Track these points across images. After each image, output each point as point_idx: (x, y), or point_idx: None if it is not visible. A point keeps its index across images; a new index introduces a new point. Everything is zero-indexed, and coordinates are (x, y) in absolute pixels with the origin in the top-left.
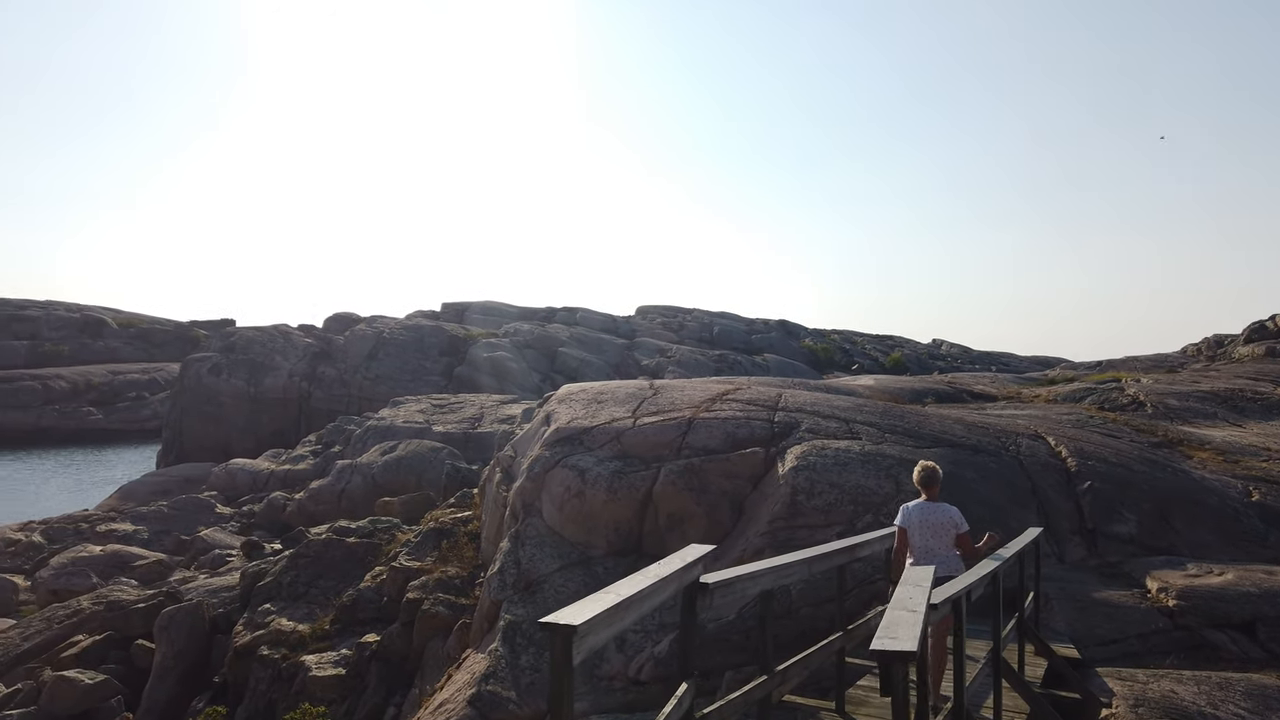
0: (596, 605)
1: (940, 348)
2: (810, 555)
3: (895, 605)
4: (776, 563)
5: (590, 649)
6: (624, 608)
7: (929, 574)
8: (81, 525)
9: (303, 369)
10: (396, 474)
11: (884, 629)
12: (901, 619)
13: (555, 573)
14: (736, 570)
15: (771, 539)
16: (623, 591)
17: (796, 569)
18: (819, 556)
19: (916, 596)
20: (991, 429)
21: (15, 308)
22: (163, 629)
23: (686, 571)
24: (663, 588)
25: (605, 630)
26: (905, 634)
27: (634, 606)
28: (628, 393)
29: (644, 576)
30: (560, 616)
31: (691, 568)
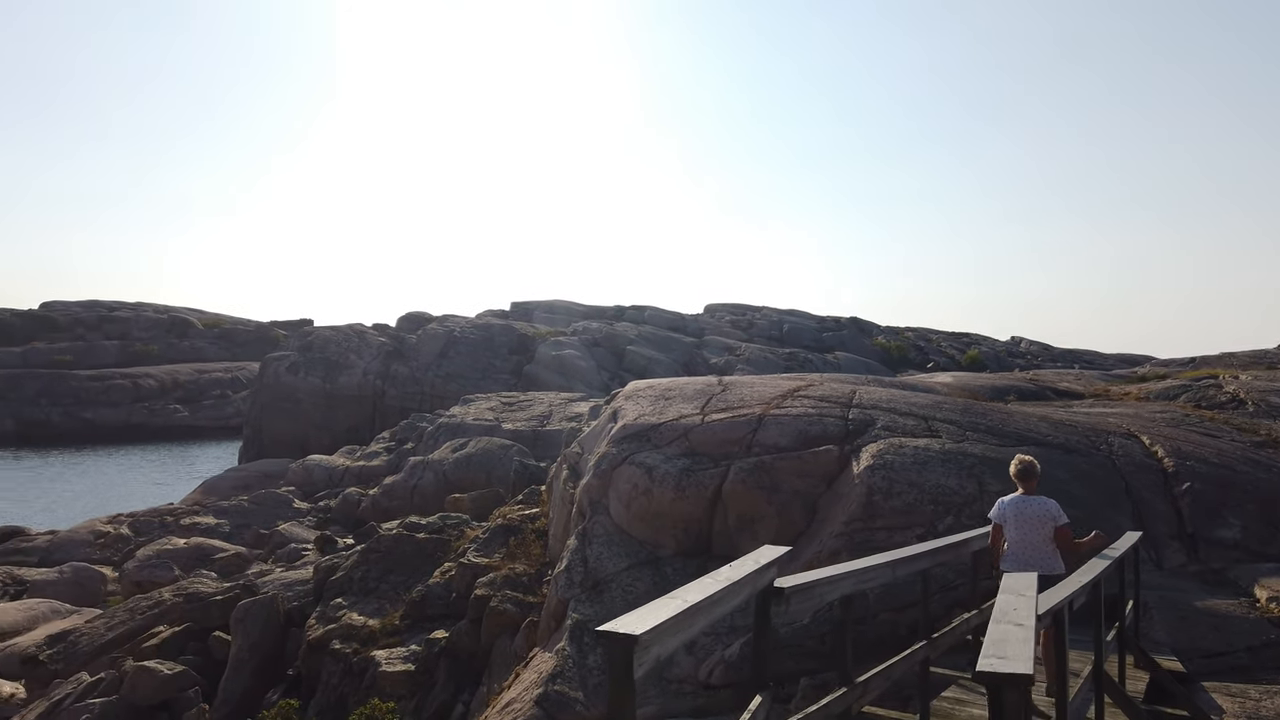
0: (662, 612)
1: (1019, 345)
2: (894, 558)
3: (1000, 618)
4: (857, 566)
5: (655, 659)
6: (692, 614)
7: (1032, 581)
8: (166, 519)
9: (377, 367)
10: (467, 471)
11: (991, 646)
12: (1010, 635)
13: (623, 572)
14: (815, 574)
15: (847, 541)
16: (690, 597)
17: (879, 573)
18: (903, 559)
19: (1023, 608)
20: (1081, 427)
21: (107, 309)
22: (238, 621)
23: (760, 575)
24: (734, 593)
25: (671, 639)
26: (1016, 653)
27: (703, 613)
28: (696, 389)
29: (714, 580)
30: (620, 624)
31: (765, 571)
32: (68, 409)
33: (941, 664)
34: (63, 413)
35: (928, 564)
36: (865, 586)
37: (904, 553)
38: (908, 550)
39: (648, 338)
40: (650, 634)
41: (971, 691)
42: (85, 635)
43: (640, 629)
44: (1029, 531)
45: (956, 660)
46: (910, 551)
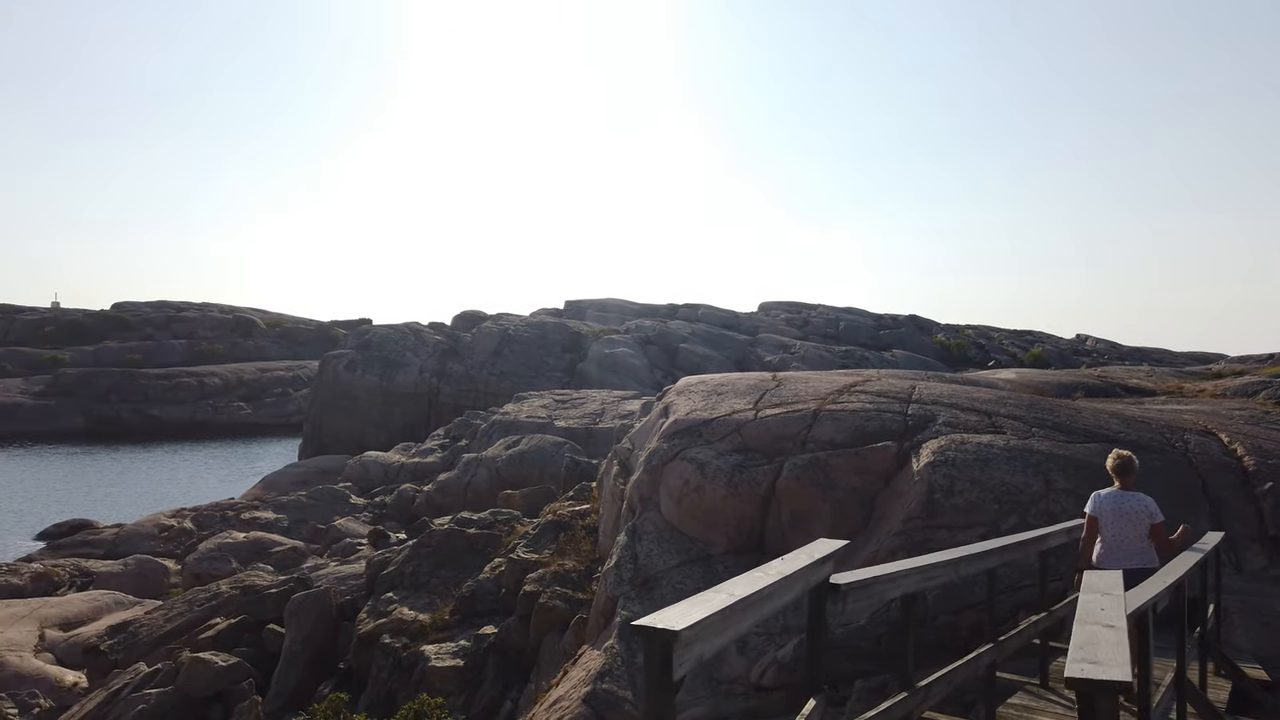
0: (705, 607)
1: (1085, 343)
2: (957, 556)
3: (1086, 618)
4: (920, 563)
5: (698, 659)
6: (739, 610)
7: (1117, 580)
8: (228, 513)
9: (432, 365)
10: (520, 467)
11: (1080, 649)
12: (1100, 637)
13: (673, 569)
14: (874, 570)
15: (906, 540)
16: (737, 591)
17: (942, 571)
18: (968, 558)
19: (1111, 608)
20: (1154, 424)
21: (175, 309)
22: (292, 614)
23: (814, 570)
24: (786, 588)
25: (716, 637)
26: (1110, 656)
27: (751, 609)
28: (749, 384)
29: (764, 574)
30: (659, 619)
31: (820, 565)
32: (136, 406)
33: (1007, 669)
34: (132, 410)
35: (995, 563)
36: (928, 585)
37: (969, 550)
38: (974, 548)
39: (701, 336)
40: (692, 630)
41: (1040, 698)
42: (145, 626)
43: (681, 624)
44: (1125, 527)
45: (1022, 665)
46: (976, 549)
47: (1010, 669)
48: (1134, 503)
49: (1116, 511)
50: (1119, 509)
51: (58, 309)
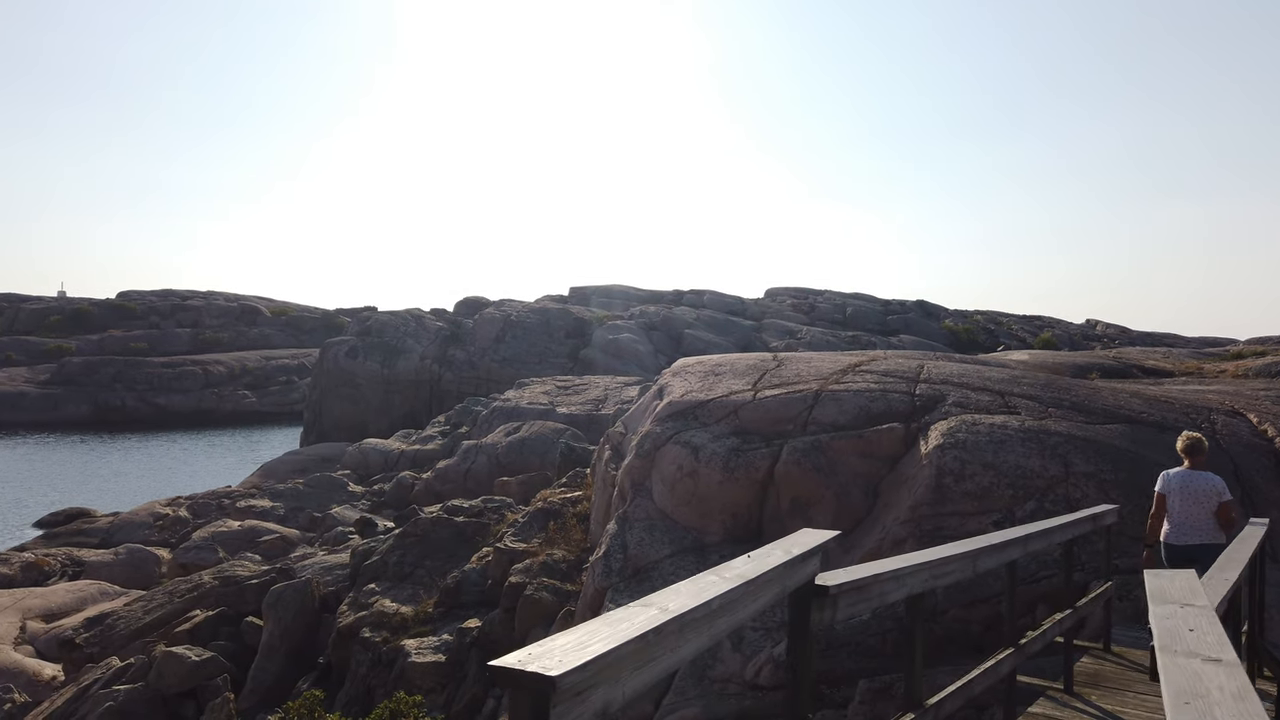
0: (615, 631)
1: (1095, 328)
2: (974, 548)
3: (1174, 645)
4: (929, 557)
5: (601, 713)
6: (671, 633)
7: (1194, 585)
8: (224, 501)
9: (434, 351)
10: (520, 455)
11: (1179, 697)
12: (1208, 680)
13: (665, 559)
14: (873, 567)
15: (914, 528)
16: (673, 605)
17: (956, 566)
18: (986, 550)
19: (1207, 630)
20: (1178, 403)
21: (180, 298)
22: (270, 606)
23: (793, 569)
24: (751, 595)
25: (633, 676)
26: (1228, 711)
27: (694, 630)
28: (748, 364)
29: (718, 577)
30: (535, 656)
31: (801, 563)
32: (141, 394)
33: (1025, 669)
34: (137, 398)
35: (1017, 554)
36: (940, 583)
37: (987, 541)
38: (993, 538)
39: (706, 321)
40: (583, 674)
41: (1065, 706)
42: (123, 618)
43: (566, 665)
44: (1193, 505)
45: (1042, 664)
46: (995, 540)
47: (1028, 669)
48: (1202, 481)
49: (1184, 490)
50: (1186, 487)
51: (63, 298)
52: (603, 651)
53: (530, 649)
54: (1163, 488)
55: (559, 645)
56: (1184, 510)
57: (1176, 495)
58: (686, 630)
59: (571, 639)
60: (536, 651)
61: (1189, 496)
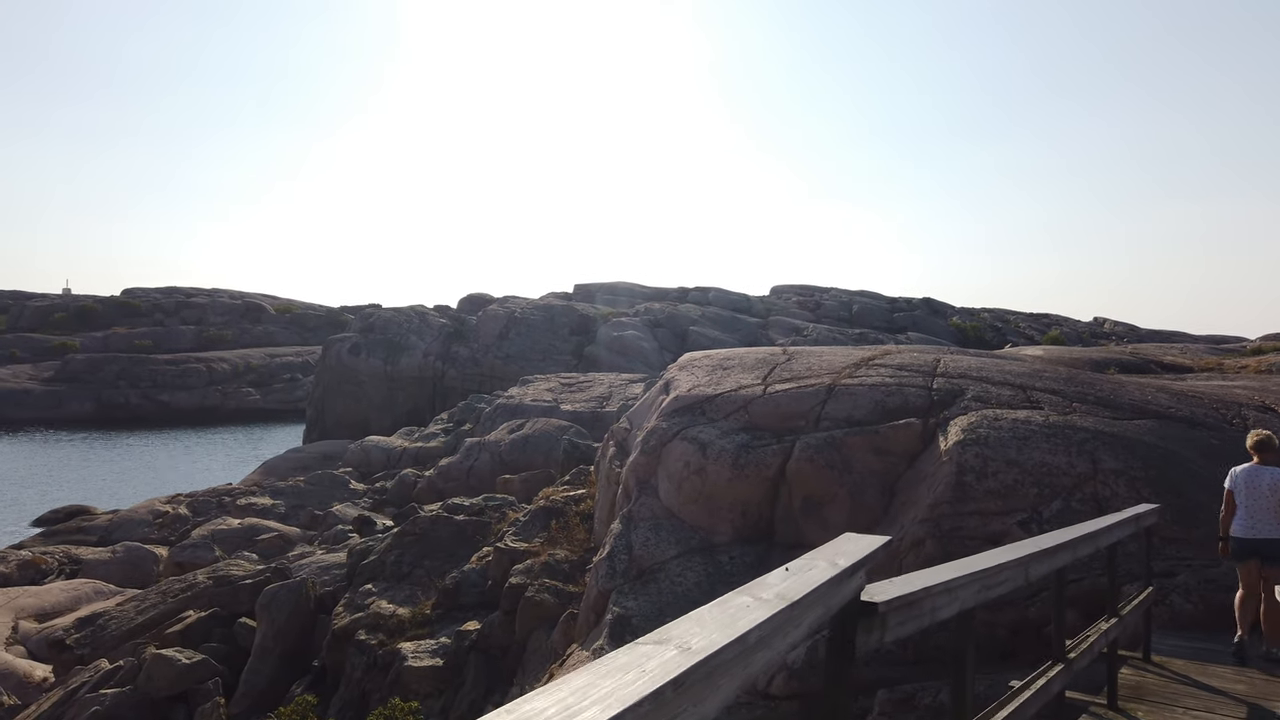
0: (612, 694)
1: (1103, 326)
2: (1025, 554)
3: None
4: (978, 565)
5: None
6: (691, 688)
7: None
8: (224, 499)
9: (437, 348)
10: (523, 452)
11: None
12: None
13: (672, 560)
14: (921, 579)
15: (933, 528)
16: (695, 644)
17: (1009, 574)
18: (1037, 555)
19: None
20: (1205, 399)
21: (184, 295)
22: (263, 607)
23: (839, 585)
24: (792, 621)
25: None
26: None
27: (724, 677)
28: (758, 358)
29: (757, 597)
30: None
31: (847, 578)
32: (145, 392)
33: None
34: (140, 395)
35: (1067, 560)
36: (991, 595)
37: (1036, 546)
38: (1040, 542)
39: (711, 318)
40: None
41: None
42: (115, 619)
43: None
44: (1258, 499)
45: (1078, 677)
46: (1044, 545)
47: (1081, 687)
48: (1268, 476)
49: (1250, 485)
50: (1252, 483)
51: (68, 295)
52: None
53: (501, 715)
54: (1231, 484)
55: (538, 713)
56: (1250, 505)
57: (1243, 490)
58: (716, 676)
59: (556, 703)
60: (513, 714)
61: (1254, 491)
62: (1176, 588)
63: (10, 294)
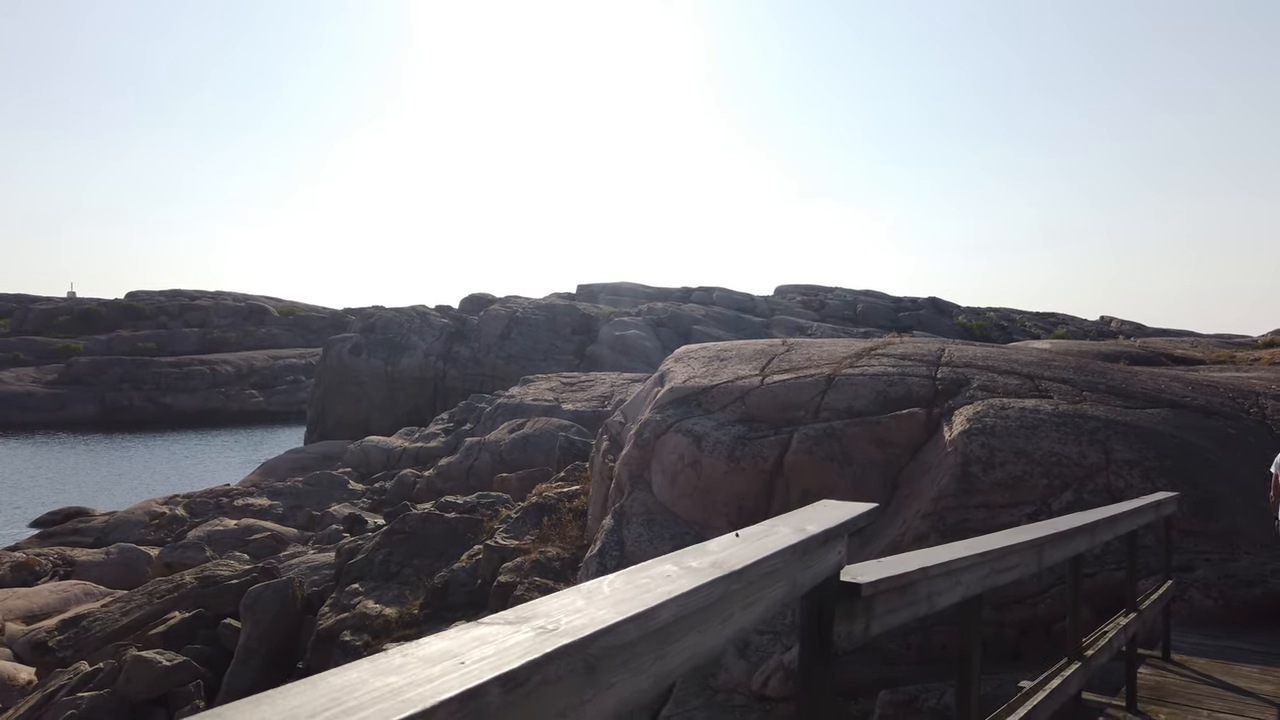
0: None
1: (1109, 325)
2: (1037, 536)
3: None
4: (986, 546)
5: None
6: (553, 686)
7: None
8: (222, 500)
9: (438, 348)
10: (523, 451)
11: None
12: None
13: None
14: (916, 558)
15: (938, 522)
16: (567, 622)
17: (1019, 559)
18: (1052, 538)
19: None
20: (1221, 388)
21: (189, 298)
22: (248, 608)
23: (808, 557)
24: (736, 598)
25: None
26: None
27: (616, 671)
28: (756, 349)
29: (683, 565)
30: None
31: (820, 549)
32: (148, 394)
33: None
34: (144, 398)
35: (1084, 546)
36: (999, 580)
37: (1052, 529)
38: (1057, 524)
39: (715, 318)
40: None
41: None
42: (99, 620)
43: None
44: None
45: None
46: (1061, 527)
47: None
48: None
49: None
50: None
51: (73, 298)
52: None
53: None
54: (1276, 467)
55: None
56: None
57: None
58: (602, 670)
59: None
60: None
61: None
62: (1195, 582)
63: (14, 297)
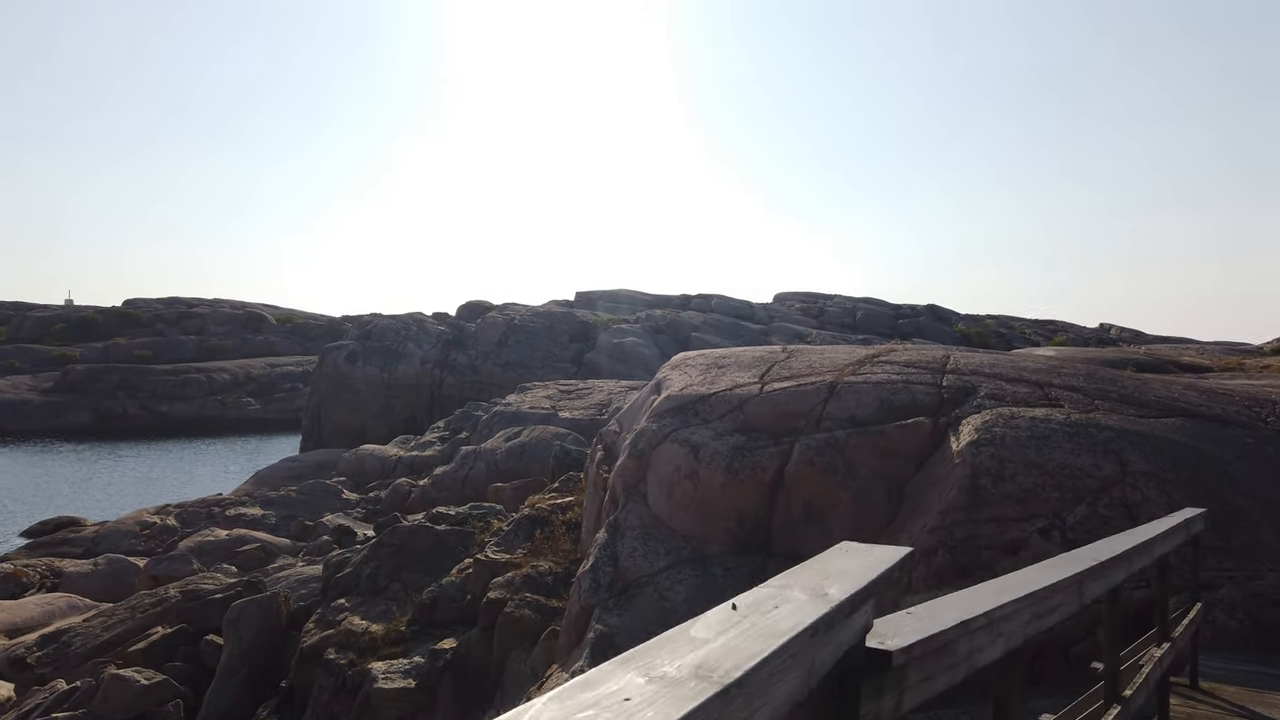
0: None
1: (1109, 332)
2: (1077, 572)
3: None
4: (1024, 587)
5: None
6: None
7: None
8: (214, 509)
9: (435, 356)
10: (519, 460)
11: None
12: None
13: (661, 573)
14: (950, 608)
15: (946, 536)
16: None
17: (1062, 598)
18: (1092, 571)
19: None
20: (1237, 396)
21: (186, 305)
22: (230, 624)
23: (830, 629)
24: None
25: None
26: None
27: None
28: (755, 356)
29: (650, 677)
30: None
31: (844, 616)
32: (144, 402)
33: None
34: (139, 406)
35: (1122, 576)
36: (1042, 625)
37: (1087, 560)
38: (1092, 555)
39: (713, 325)
40: None
41: None
42: (80, 635)
43: None
44: None
45: None
46: (1097, 558)
47: None
48: None
49: None
50: None
51: (70, 306)
52: None
53: None
54: None
55: None
56: None
57: None
58: None
59: None
60: None
61: None
62: (1219, 602)
63: (11, 305)
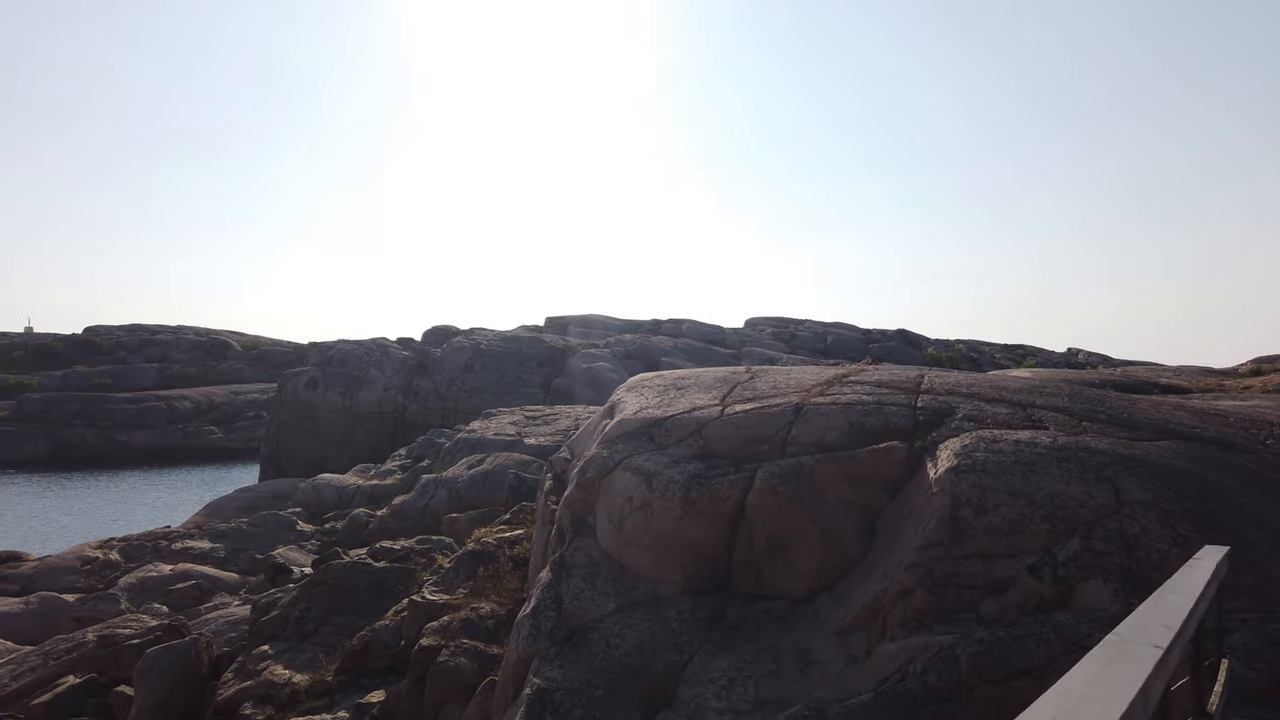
0: None
1: (1077, 356)
2: (1143, 683)
3: None
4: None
5: None
6: None
7: None
8: (160, 543)
9: (399, 382)
10: (482, 488)
11: None
12: None
13: (609, 616)
14: None
15: (925, 575)
16: None
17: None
18: (1155, 675)
19: None
20: (1230, 417)
21: (149, 332)
22: (141, 674)
23: None
24: None
25: None
26: None
27: None
28: (716, 377)
29: None
30: None
31: None
32: (102, 431)
33: None
34: (97, 434)
35: (1176, 661)
36: None
37: (1146, 659)
38: (1139, 648)
39: (684, 349)
40: None
41: None
42: None
43: None
44: None
45: None
46: (1155, 652)
47: None
48: None
49: None
50: None
51: (29, 333)
52: None
53: None
54: None
55: None
56: None
57: None
58: None
59: None
60: None
61: None
62: (1234, 650)
63: None
